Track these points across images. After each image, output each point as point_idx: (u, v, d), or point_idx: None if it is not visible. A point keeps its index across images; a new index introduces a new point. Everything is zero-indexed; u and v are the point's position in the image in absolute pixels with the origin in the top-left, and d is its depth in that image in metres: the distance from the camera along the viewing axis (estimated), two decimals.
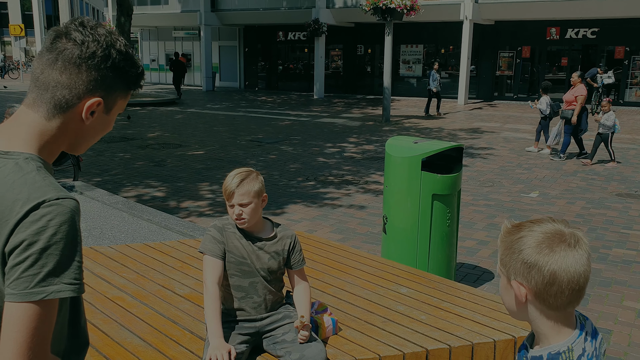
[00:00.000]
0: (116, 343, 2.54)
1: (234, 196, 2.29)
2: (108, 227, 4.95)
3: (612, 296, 4.47)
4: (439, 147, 4.03)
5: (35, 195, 1.06)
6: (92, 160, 9.68)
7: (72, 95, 1.15)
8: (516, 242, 1.16)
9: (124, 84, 1.21)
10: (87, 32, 1.15)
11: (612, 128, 9.57)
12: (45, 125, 1.15)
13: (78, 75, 1.15)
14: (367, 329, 2.72)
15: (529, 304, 1.17)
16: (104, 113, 1.21)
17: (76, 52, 1.14)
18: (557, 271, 1.11)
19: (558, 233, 1.14)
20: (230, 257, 2.36)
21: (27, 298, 1.02)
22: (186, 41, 30.58)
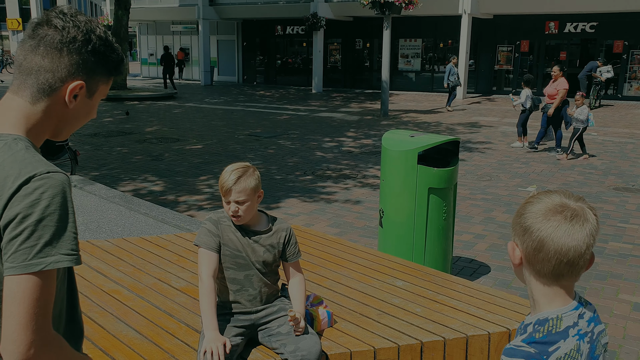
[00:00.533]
0: (112, 336, 2.55)
1: (231, 193, 2.29)
2: (105, 221, 4.95)
3: (607, 289, 4.48)
4: (435, 141, 4.04)
5: (26, 170, 1.08)
6: (90, 154, 9.67)
7: (55, 79, 1.18)
8: (524, 206, 1.23)
9: (105, 68, 1.24)
10: (67, 19, 1.19)
11: (585, 122, 9.52)
12: (31, 109, 1.19)
13: (60, 59, 1.18)
14: (362, 322, 2.73)
15: (523, 267, 1.23)
16: (87, 97, 1.24)
17: (57, 37, 1.17)
18: (545, 239, 1.16)
19: (561, 205, 1.18)
20: (226, 250, 2.37)
21: (27, 270, 1.04)
22: (184, 35, 30.51)
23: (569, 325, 1.17)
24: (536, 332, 1.17)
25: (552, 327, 1.16)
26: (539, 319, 1.19)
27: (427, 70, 24.21)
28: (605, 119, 15.20)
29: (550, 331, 1.16)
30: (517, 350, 1.15)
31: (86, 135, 11.63)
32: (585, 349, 1.18)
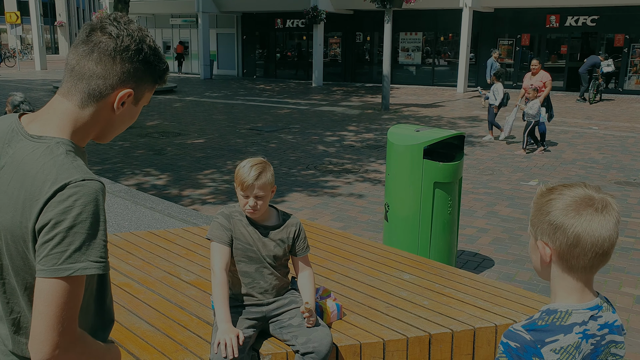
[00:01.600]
0: (125, 328, 2.59)
1: (253, 189, 2.32)
2: (112, 215, 4.99)
3: (610, 282, 4.53)
4: (440, 136, 4.06)
5: (63, 177, 1.12)
6: (92, 148, 9.69)
7: (106, 86, 1.22)
8: (546, 204, 1.22)
9: (152, 77, 1.28)
10: (121, 27, 1.22)
11: (536, 116, 9.51)
12: (79, 113, 1.22)
13: (112, 67, 1.21)
14: (371, 314, 2.77)
15: (553, 264, 1.22)
16: (133, 104, 1.28)
17: (111, 45, 1.20)
18: (581, 234, 1.16)
19: (587, 197, 1.19)
20: (237, 244, 2.41)
21: (56, 274, 1.09)
22: (183, 29, 30.43)
23: (576, 323, 1.18)
24: (540, 320, 1.19)
25: (558, 320, 1.17)
26: (549, 308, 1.21)
27: (427, 64, 24.19)
28: (606, 113, 15.22)
29: (554, 322, 1.17)
30: (514, 334, 1.17)
31: None
32: (587, 350, 1.18)
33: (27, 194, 1.12)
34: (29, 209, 1.12)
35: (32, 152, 1.17)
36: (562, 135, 11.59)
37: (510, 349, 1.16)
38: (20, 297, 1.21)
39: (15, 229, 1.14)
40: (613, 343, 1.24)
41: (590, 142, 10.75)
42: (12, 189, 1.15)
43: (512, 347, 1.15)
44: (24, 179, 1.14)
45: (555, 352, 1.14)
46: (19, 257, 1.16)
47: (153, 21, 31.64)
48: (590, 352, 1.19)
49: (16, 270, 1.18)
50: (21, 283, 1.19)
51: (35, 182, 1.13)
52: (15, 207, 1.14)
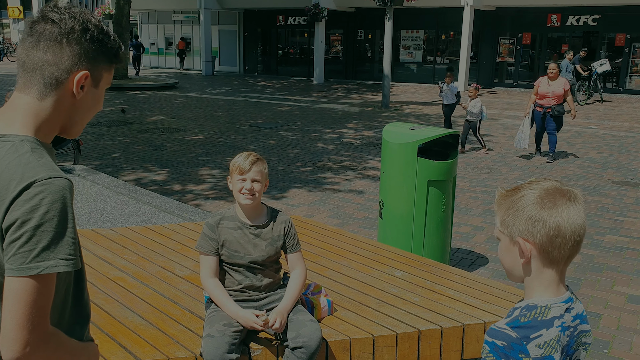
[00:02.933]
0: (118, 322, 2.63)
1: (250, 171, 2.38)
2: (109, 210, 5.02)
3: (603, 281, 4.56)
4: (435, 134, 4.09)
5: (29, 175, 1.11)
6: (92, 144, 9.73)
7: (60, 71, 1.20)
8: (518, 201, 1.22)
9: (105, 56, 1.27)
10: (62, 11, 1.21)
11: (479, 115, 9.29)
12: (39, 106, 1.20)
13: (62, 51, 1.20)
14: (361, 310, 2.80)
15: (533, 259, 1.23)
16: (93, 87, 1.26)
17: (56, 30, 1.19)
18: (561, 223, 1.18)
19: (557, 189, 1.21)
20: (225, 251, 2.47)
21: (24, 273, 1.09)
22: (185, 25, 30.43)
23: (555, 316, 1.21)
24: (522, 317, 1.21)
25: (539, 315, 1.20)
26: (528, 304, 1.22)
27: (428, 62, 24.19)
28: (606, 113, 15.23)
29: (536, 318, 1.20)
30: (499, 332, 1.19)
31: (88, 125, 11.67)
32: (564, 342, 1.21)
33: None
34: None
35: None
36: (561, 134, 11.59)
37: (497, 347, 1.17)
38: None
39: None
40: (583, 332, 1.27)
41: (588, 142, 10.77)
42: None
43: (499, 345, 1.17)
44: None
45: (540, 347, 1.16)
46: None
47: (155, 17, 31.64)
48: (566, 345, 1.22)
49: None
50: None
51: (1, 181, 1.12)
52: None
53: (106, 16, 27.78)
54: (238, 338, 2.34)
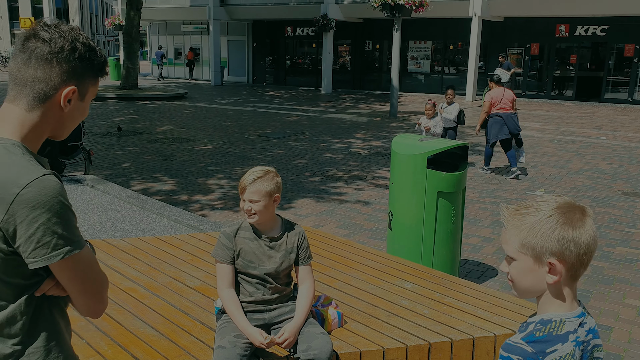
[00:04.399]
0: (130, 332, 2.65)
1: (245, 192, 2.41)
2: (120, 221, 5.06)
3: (613, 294, 4.53)
4: (444, 146, 4.10)
5: (25, 176, 1.21)
6: (103, 154, 9.81)
7: (49, 87, 1.30)
8: (545, 222, 1.22)
9: (92, 71, 1.36)
10: (52, 30, 1.30)
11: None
12: (27, 116, 1.30)
13: (52, 69, 1.29)
14: (371, 322, 2.81)
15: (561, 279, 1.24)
16: (79, 100, 1.36)
17: (46, 49, 1.28)
18: (589, 242, 1.22)
19: (576, 207, 1.24)
20: (241, 261, 2.48)
21: (50, 261, 1.23)
22: (195, 35, 30.67)
23: (570, 331, 1.22)
24: (537, 331, 1.22)
25: (554, 329, 1.21)
26: (542, 319, 1.23)
27: (436, 72, 24.22)
28: (615, 123, 15.17)
29: (551, 332, 1.21)
30: (515, 347, 1.20)
31: (98, 135, 11.78)
32: (578, 356, 1.22)
33: None
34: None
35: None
36: (570, 145, 11.58)
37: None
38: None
39: None
40: (596, 347, 1.29)
41: (598, 152, 10.73)
42: None
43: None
44: None
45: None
46: None
47: (165, 28, 31.92)
48: (580, 359, 1.23)
49: None
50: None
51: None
52: None
53: (116, 27, 28.07)
54: (249, 350, 2.35)
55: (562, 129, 13.93)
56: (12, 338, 1.30)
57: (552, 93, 22.04)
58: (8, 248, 1.23)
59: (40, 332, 1.32)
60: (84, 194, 5.88)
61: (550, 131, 13.55)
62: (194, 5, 27.94)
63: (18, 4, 48.11)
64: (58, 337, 1.37)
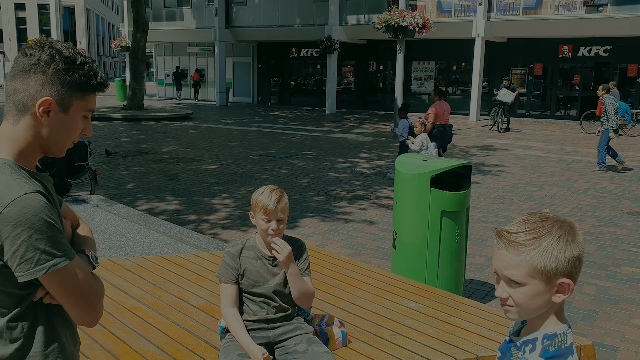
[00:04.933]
0: (135, 351, 2.65)
1: (276, 213, 2.40)
2: (125, 240, 5.08)
3: (619, 314, 4.50)
4: (447, 165, 4.13)
5: (7, 195, 1.25)
6: (108, 174, 9.87)
7: (27, 97, 1.33)
8: (555, 244, 1.21)
9: (74, 84, 1.36)
10: (35, 46, 1.35)
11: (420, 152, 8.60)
12: (13, 130, 1.34)
13: (28, 80, 1.33)
14: (375, 342, 2.81)
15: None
16: (61, 112, 1.37)
17: (25, 61, 1.34)
18: (582, 253, 1.24)
19: (567, 221, 1.26)
20: (245, 280, 2.50)
21: (33, 276, 1.27)
22: (200, 57, 31.00)
23: (572, 342, 1.25)
24: (549, 347, 1.23)
25: (561, 342, 1.23)
26: (546, 334, 1.24)
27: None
28: (619, 143, 15.18)
29: (560, 346, 1.23)
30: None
31: (104, 155, 11.86)
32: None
33: None
34: None
35: None
36: (575, 165, 11.58)
37: None
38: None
39: None
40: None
41: (602, 172, 10.72)
42: None
43: None
44: None
45: None
46: None
47: (171, 49, 32.28)
48: None
49: None
50: None
51: None
52: None
53: (122, 48, 28.41)
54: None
55: (567, 149, 13.94)
56: (14, 342, 1.34)
57: (556, 113, 22.10)
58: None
59: (39, 337, 1.37)
60: (89, 213, 5.92)
61: (554, 151, 13.57)
62: (199, 28, 28.30)
63: (26, 27, 48.85)
64: (58, 343, 1.40)
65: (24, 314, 1.35)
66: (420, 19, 15.58)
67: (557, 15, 19.46)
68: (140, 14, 20.85)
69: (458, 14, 21.19)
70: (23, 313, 1.35)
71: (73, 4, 49.99)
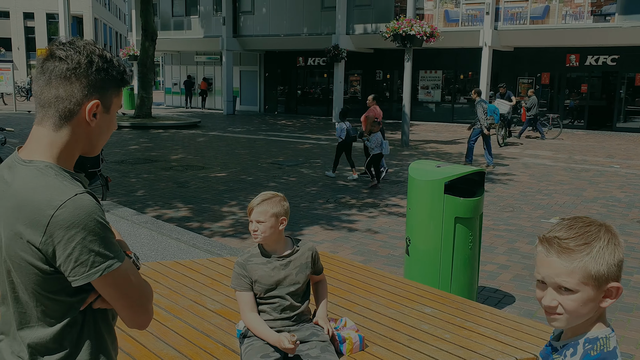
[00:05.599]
0: (154, 354, 2.67)
1: (252, 213, 2.52)
2: (138, 245, 5.11)
3: (633, 321, 4.49)
4: (461, 171, 4.14)
5: (58, 197, 1.24)
6: (118, 181, 9.92)
7: (73, 104, 1.31)
8: (605, 249, 1.22)
9: (112, 83, 1.37)
10: (67, 47, 1.32)
11: (378, 148, 10.00)
12: (54, 136, 1.32)
13: (72, 86, 1.31)
14: (393, 346, 2.81)
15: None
16: (104, 112, 1.38)
17: (64, 67, 1.30)
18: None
19: (606, 225, 1.27)
20: (258, 287, 2.55)
21: (89, 279, 1.26)
22: (208, 66, 31.18)
23: (616, 346, 1.23)
24: (590, 350, 1.22)
25: (604, 346, 1.22)
26: (587, 337, 1.24)
27: (447, 102, 24.38)
28: (628, 152, 15.14)
29: (603, 350, 1.22)
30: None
31: (113, 162, 11.93)
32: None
33: (25, 216, 1.24)
34: (30, 229, 1.23)
35: (25, 175, 1.29)
36: (584, 173, 11.56)
37: None
38: (33, 308, 1.31)
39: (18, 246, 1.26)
40: None
41: (611, 181, 10.69)
42: (11, 210, 1.26)
43: None
44: (20, 201, 1.25)
45: None
46: (23, 273, 1.28)
47: (179, 58, 32.49)
48: None
49: (25, 285, 1.29)
50: (32, 296, 1.30)
51: (31, 203, 1.24)
52: (14, 227, 1.26)
53: (130, 57, 28.61)
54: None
55: (575, 158, 13.92)
56: (61, 352, 1.33)
57: (563, 122, 22.07)
58: (50, 268, 1.26)
59: (87, 346, 1.35)
60: None
61: (563, 159, 13.54)
62: (207, 37, 28.49)
63: (35, 35, 49.29)
64: (105, 352, 1.39)
65: (73, 323, 1.33)
66: (428, 28, 15.61)
67: (565, 25, 19.50)
68: (149, 23, 21.02)
69: (465, 23, 21.26)
70: (72, 322, 1.33)
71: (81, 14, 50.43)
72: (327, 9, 24.49)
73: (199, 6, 29.09)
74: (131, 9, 32.25)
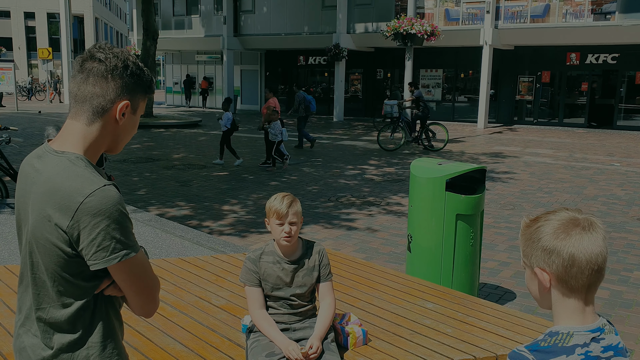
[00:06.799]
0: (161, 349, 2.72)
1: (288, 216, 2.50)
2: (143, 243, 5.15)
3: (633, 317, 4.53)
4: (462, 169, 4.18)
5: (88, 186, 1.36)
6: (120, 180, 9.97)
7: (106, 101, 1.44)
8: (534, 232, 1.27)
9: (142, 87, 1.51)
10: (107, 51, 1.46)
11: (278, 136, 11.11)
12: (87, 130, 1.44)
13: (107, 85, 1.45)
14: (395, 340, 2.86)
15: (553, 288, 1.26)
16: (132, 113, 1.51)
17: (102, 68, 1.44)
18: (575, 253, 1.21)
19: (572, 219, 1.24)
20: (266, 284, 2.58)
21: (108, 263, 1.36)
22: (209, 65, 31.23)
23: (578, 344, 1.21)
24: (542, 341, 1.23)
25: (560, 341, 1.21)
26: (551, 330, 1.25)
27: (447, 100, 24.42)
28: (628, 150, 15.18)
29: (557, 344, 1.21)
30: (517, 355, 1.22)
31: (115, 161, 11.97)
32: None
33: (55, 201, 1.35)
34: (59, 213, 1.34)
35: (57, 164, 1.41)
36: (584, 171, 11.60)
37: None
38: (50, 289, 1.42)
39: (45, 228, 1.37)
40: None
41: (612, 179, 10.74)
42: (42, 195, 1.38)
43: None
44: (52, 187, 1.36)
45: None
46: (47, 254, 1.39)
47: (179, 57, 32.54)
48: None
49: (46, 265, 1.40)
50: (51, 277, 1.41)
51: (63, 190, 1.36)
52: (43, 210, 1.37)
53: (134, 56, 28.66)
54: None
55: (575, 156, 13.96)
56: (75, 332, 1.44)
57: (563, 120, 22.11)
58: (72, 251, 1.37)
59: (98, 328, 1.46)
60: None
61: (563, 158, 13.59)
62: (208, 36, 28.54)
63: (36, 35, 49.33)
64: (113, 335, 1.50)
65: (86, 307, 1.44)
66: (428, 26, 15.67)
67: (565, 23, 19.53)
68: (150, 22, 21.06)
69: (466, 22, 21.29)
70: (85, 305, 1.44)
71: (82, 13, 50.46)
72: (327, 8, 24.54)
73: (200, 5, 29.14)
74: (132, 8, 32.29)
